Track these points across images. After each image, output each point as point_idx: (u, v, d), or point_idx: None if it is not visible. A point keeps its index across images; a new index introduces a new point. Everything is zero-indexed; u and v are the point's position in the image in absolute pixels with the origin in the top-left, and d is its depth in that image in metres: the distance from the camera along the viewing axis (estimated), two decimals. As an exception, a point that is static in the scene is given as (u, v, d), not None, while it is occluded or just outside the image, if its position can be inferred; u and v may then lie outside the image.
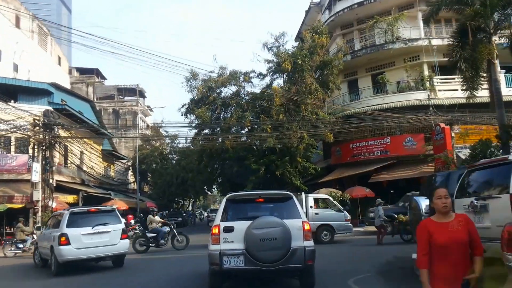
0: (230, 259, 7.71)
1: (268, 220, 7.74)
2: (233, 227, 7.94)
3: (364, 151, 29.54)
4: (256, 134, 28.74)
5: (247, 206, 8.72)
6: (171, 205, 54.73)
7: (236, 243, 7.80)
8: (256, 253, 7.56)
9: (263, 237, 7.51)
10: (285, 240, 7.57)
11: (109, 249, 12.79)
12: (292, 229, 7.68)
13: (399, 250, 14.89)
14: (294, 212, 8.24)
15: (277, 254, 7.54)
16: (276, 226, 7.59)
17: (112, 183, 44.57)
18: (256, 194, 9.24)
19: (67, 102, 34.87)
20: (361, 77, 32.78)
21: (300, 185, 29.27)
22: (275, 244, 7.51)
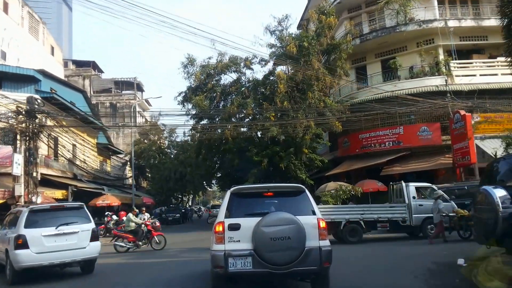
0: (236, 261, 6.87)
1: (280, 217, 6.88)
2: (240, 224, 7.06)
3: (374, 142, 27.36)
4: (259, 122, 26.54)
5: (254, 201, 7.67)
6: (170, 200, 52.66)
7: (243, 243, 6.96)
8: (266, 254, 6.74)
9: (274, 236, 6.71)
10: (299, 239, 6.74)
11: (76, 254, 10.62)
12: (306, 227, 6.84)
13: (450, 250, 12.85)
14: (307, 207, 7.32)
15: (290, 255, 6.70)
16: (289, 224, 6.76)
17: (108, 178, 42.48)
18: (265, 187, 8.06)
19: (57, 92, 32.81)
20: (370, 63, 30.55)
21: (306, 179, 27.15)
22: (288, 244, 6.69)
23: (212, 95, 29.11)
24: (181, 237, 24.72)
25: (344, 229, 17.53)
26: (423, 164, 25.14)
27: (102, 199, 29.11)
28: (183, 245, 19.40)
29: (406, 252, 14.19)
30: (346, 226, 17.55)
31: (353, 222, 17.59)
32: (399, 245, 16.41)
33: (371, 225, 17.90)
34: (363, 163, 27.19)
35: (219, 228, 7.13)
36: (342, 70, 27.52)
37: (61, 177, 30.39)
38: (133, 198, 36.03)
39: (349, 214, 17.82)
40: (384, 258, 12.97)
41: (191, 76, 30.23)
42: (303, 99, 26.73)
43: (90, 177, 36.84)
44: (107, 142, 45.66)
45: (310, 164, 28.14)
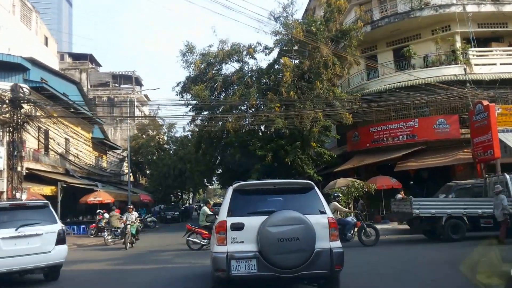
0: (240, 264, 6.35)
1: (287, 216, 6.40)
2: (243, 224, 6.54)
3: (386, 136, 25.41)
4: (263, 113, 24.62)
5: (259, 198, 7.11)
6: (168, 198, 50.82)
7: (247, 244, 6.46)
8: (272, 257, 6.27)
9: (282, 237, 6.25)
10: (309, 240, 6.30)
11: (39, 259, 8.99)
12: (316, 226, 6.38)
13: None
14: (317, 205, 6.80)
15: (298, 257, 6.26)
16: (298, 223, 6.32)
17: (104, 174, 40.64)
18: (270, 183, 7.41)
19: (48, 82, 30.97)
20: (381, 52, 28.56)
21: (314, 175, 25.24)
22: (296, 246, 6.24)
23: (212, 85, 27.20)
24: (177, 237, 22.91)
25: (445, 224, 15.64)
26: (440, 159, 23.23)
27: (93, 196, 27.26)
28: (179, 246, 17.54)
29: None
30: (448, 221, 15.67)
31: (454, 217, 15.69)
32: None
33: (473, 221, 15.83)
34: (375, 158, 25.27)
35: (221, 228, 6.57)
36: (353, 58, 25.55)
37: (51, 172, 28.55)
38: (129, 195, 34.20)
39: (452, 208, 15.87)
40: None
41: (190, 65, 28.37)
42: (310, 89, 24.81)
43: (84, 173, 35.06)
44: (103, 136, 43.82)
45: (317, 159, 26.26)
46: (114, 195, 30.38)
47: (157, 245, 19.14)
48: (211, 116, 27.31)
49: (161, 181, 45.07)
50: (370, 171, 26.79)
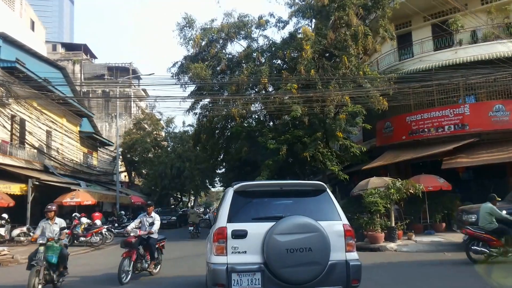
0: (242, 278, 5.43)
1: (298, 222, 5.52)
2: (246, 231, 5.60)
3: (428, 126, 20.74)
4: (277, 96, 19.97)
5: (264, 202, 6.10)
6: (166, 200, 46.10)
7: (250, 255, 5.55)
8: (280, 270, 5.35)
9: (291, 247, 5.37)
10: (323, 251, 5.42)
11: None
12: (330, 235, 5.49)
13: None
14: (330, 211, 5.88)
15: (310, 271, 5.36)
16: (310, 231, 5.46)
17: (92, 173, 36.03)
18: (277, 184, 6.32)
19: (25, 64, 26.49)
20: (416, 28, 23.80)
21: (339, 172, 20.58)
22: (308, 257, 5.37)
23: (215, 64, 22.55)
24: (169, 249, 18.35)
25: None
26: (499, 155, 18.51)
27: (70, 196, 22.63)
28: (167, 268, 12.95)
29: None
30: None
31: None
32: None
33: None
34: (413, 153, 20.56)
35: (220, 235, 5.65)
36: (386, 32, 20.90)
37: (22, 168, 23.96)
38: (117, 197, 29.61)
39: None
40: None
41: (189, 41, 23.72)
42: (335, 68, 20.20)
43: (68, 171, 30.49)
44: (93, 131, 39.23)
45: (342, 154, 21.64)
46: (98, 196, 25.74)
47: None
48: (213, 97, 22.63)
49: (157, 181, 40.38)
50: (402, 170, 22.18)
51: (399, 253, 14.40)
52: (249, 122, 23.15)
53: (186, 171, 39.09)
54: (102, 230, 20.15)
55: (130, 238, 10.37)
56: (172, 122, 46.93)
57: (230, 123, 24.00)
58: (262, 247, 5.57)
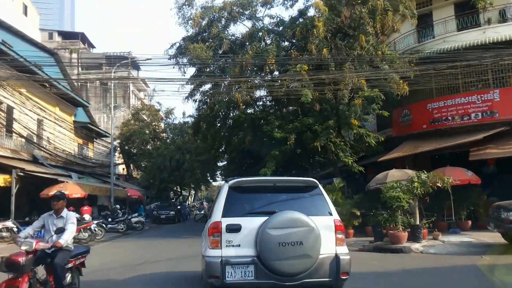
0: (235, 270, 5.63)
1: (290, 217, 5.67)
2: (240, 225, 5.79)
3: (452, 114, 18.74)
4: (285, 78, 17.95)
5: (258, 197, 6.34)
6: (165, 194, 44.18)
7: (244, 248, 5.74)
8: (272, 262, 5.54)
9: (283, 241, 5.55)
10: (314, 245, 5.62)
11: None
12: (321, 230, 5.69)
13: None
14: (322, 206, 6.08)
15: (301, 264, 5.56)
16: (302, 226, 5.62)
17: (86, 165, 34.10)
18: (270, 180, 6.88)
19: (13, 47, 24.60)
20: (438, 7, 21.68)
21: (352, 164, 18.61)
22: (299, 251, 5.55)
23: (216, 44, 20.53)
24: (166, 246, 16.47)
25: None
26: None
27: (57, 188, 20.67)
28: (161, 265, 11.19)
29: None
30: None
31: None
32: None
33: None
34: (436, 144, 18.58)
35: (214, 229, 5.84)
36: (407, 10, 18.85)
37: (7, 157, 22.05)
38: (111, 190, 27.66)
39: None
40: None
41: (188, 21, 21.71)
42: (349, 48, 18.20)
43: (59, 162, 28.58)
44: (89, 121, 37.29)
45: (356, 144, 19.69)
46: (89, 188, 23.79)
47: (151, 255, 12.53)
48: (214, 79, 20.63)
49: (155, 174, 38.43)
50: (420, 163, 20.15)
51: (426, 255, 12.44)
52: (254, 109, 21.17)
53: (186, 163, 37.14)
54: (91, 226, 18.26)
55: (18, 255, 5.77)
56: (171, 113, 44.99)
57: (232, 111, 22.06)
58: (255, 241, 5.72)
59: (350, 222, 16.93)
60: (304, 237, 5.61)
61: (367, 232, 16.62)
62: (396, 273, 9.50)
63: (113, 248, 16.91)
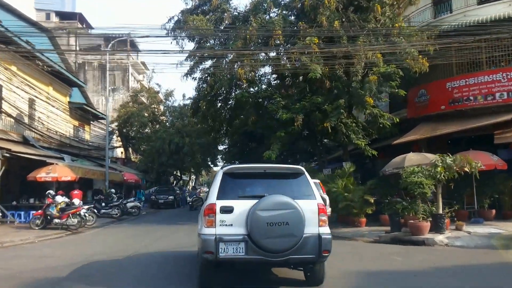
0: (228, 247, 6.25)
1: (278, 200, 6.28)
2: (233, 207, 6.40)
3: (475, 93, 17.20)
4: (293, 49, 16.36)
5: (249, 182, 7.04)
6: (164, 179, 42.81)
7: (236, 227, 6.34)
8: (261, 240, 6.16)
9: (271, 221, 6.14)
10: (298, 225, 6.22)
11: None
12: (305, 212, 6.30)
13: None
14: (307, 191, 6.71)
15: (287, 242, 6.18)
16: (288, 208, 6.22)
17: (81, 147, 32.65)
18: (261, 167, 7.21)
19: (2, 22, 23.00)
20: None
21: (365, 147, 17.15)
22: (285, 230, 6.16)
23: (217, 17, 18.92)
24: (160, 233, 15.07)
25: None
26: None
27: (46, 171, 19.30)
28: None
29: None
30: None
31: None
32: None
33: None
34: (456, 126, 17.08)
35: (210, 210, 6.46)
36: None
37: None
38: (106, 173, 26.28)
39: None
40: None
41: (187, -8, 20.11)
42: (364, 20, 16.61)
43: (53, 144, 27.16)
44: (85, 102, 35.80)
45: (369, 126, 18.21)
46: (81, 171, 22.36)
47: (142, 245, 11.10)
48: (215, 52, 19.06)
49: (154, 157, 36.99)
50: (436, 146, 18.65)
51: (452, 248, 11.05)
52: (258, 87, 19.63)
53: (185, 147, 35.67)
54: (81, 211, 16.87)
55: None
56: (171, 96, 43.40)
57: (234, 90, 20.54)
58: (246, 221, 6.26)
59: (362, 210, 15.55)
60: (289, 218, 6.16)
61: (381, 221, 15.24)
62: (428, 273, 8.02)
63: (102, 236, 15.59)
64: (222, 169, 7.15)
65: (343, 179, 16.75)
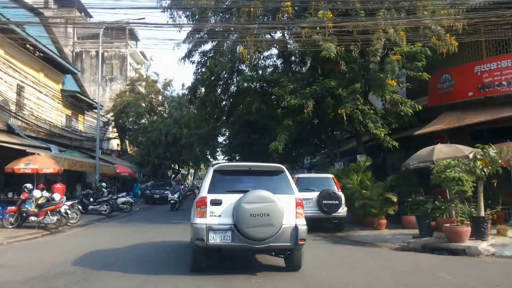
0: (216, 235, 7.15)
1: (260, 195, 7.12)
2: (221, 200, 7.32)
3: (508, 77, 15.13)
4: (303, 26, 14.25)
5: (236, 178, 7.95)
6: (161, 172, 40.78)
7: (224, 218, 7.23)
8: (245, 229, 7.01)
9: (254, 213, 6.98)
10: (277, 216, 7.07)
11: None
12: (284, 205, 7.18)
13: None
14: (286, 187, 7.66)
15: (268, 231, 7.03)
16: (269, 202, 7.07)
17: (73, 137, 30.61)
18: (246, 165, 8.14)
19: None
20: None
21: (384, 137, 15.11)
22: (266, 221, 7.01)
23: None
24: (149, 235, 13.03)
25: None
26: None
27: (25, 161, 17.29)
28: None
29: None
30: None
31: None
32: None
33: None
34: (486, 115, 15.01)
35: (201, 203, 7.32)
36: None
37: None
38: (96, 165, 24.30)
39: None
40: None
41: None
42: (384, -8, 14.55)
43: (42, 134, 25.18)
44: (79, 90, 33.76)
45: (389, 113, 16.19)
46: (67, 163, 20.32)
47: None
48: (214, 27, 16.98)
49: (149, 149, 34.92)
50: (459, 138, 16.62)
51: (503, 260, 8.99)
52: (262, 71, 17.52)
53: (183, 138, 33.63)
54: (61, 208, 14.88)
55: None
56: (170, 85, 41.36)
57: (236, 75, 18.51)
58: (232, 212, 7.12)
59: (382, 210, 13.52)
60: (270, 210, 6.98)
61: (403, 223, 13.27)
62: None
63: (82, 237, 13.49)
64: (213, 167, 8.01)
65: (358, 174, 14.77)
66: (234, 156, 32.35)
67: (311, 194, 13.33)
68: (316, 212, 13.23)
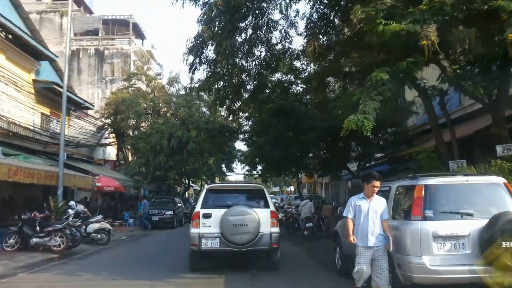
0: (207, 241, 9.35)
1: (240, 209, 9.37)
2: (211, 213, 9.53)
3: None
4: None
5: (224, 196, 10.38)
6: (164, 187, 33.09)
7: (213, 228, 9.41)
8: (229, 237, 9.15)
9: (236, 223, 9.13)
10: (255, 226, 9.22)
11: None
12: (261, 217, 9.36)
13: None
14: (264, 203, 10.02)
15: (247, 237, 9.16)
16: (247, 214, 9.23)
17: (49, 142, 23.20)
18: (232, 186, 11.89)
19: None
20: None
21: None
22: (246, 229, 9.13)
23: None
24: None
25: None
26: None
27: None
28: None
29: None
30: None
31: None
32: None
33: None
34: None
35: (195, 216, 9.67)
36: None
37: None
38: (60, 176, 16.63)
39: None
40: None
41: None
42: None
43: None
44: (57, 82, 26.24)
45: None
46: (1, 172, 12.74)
47: None
48: None
49: (149, 157, 27.16)
50: None
51: None
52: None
53: (191, 142, 25.78)
54: None
55: None
56: (177, 82, 34.00)
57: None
58: (220, 223, 9.29)
59: None
60: (249, 221, 9.18)
61: None
62: None
63: None
64: (206, 187, 10.90)
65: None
66: (256, 167, 24.90)
67: (464, 226, 5.87)
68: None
